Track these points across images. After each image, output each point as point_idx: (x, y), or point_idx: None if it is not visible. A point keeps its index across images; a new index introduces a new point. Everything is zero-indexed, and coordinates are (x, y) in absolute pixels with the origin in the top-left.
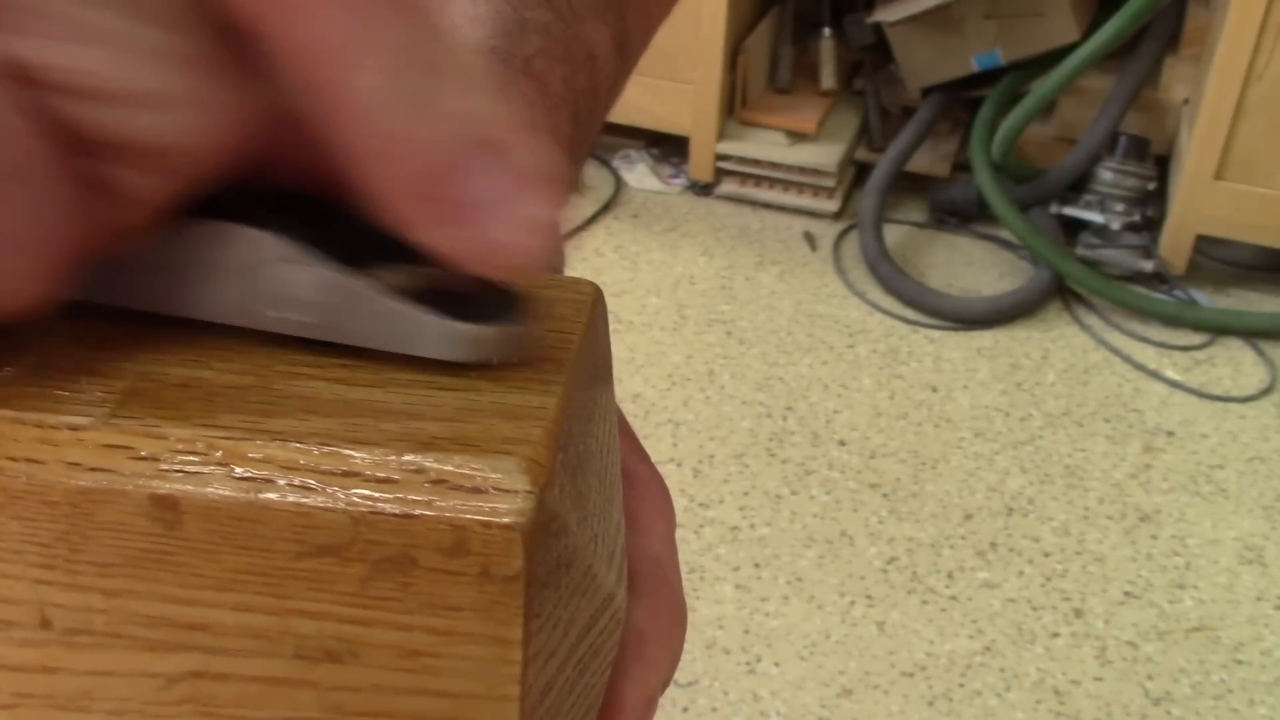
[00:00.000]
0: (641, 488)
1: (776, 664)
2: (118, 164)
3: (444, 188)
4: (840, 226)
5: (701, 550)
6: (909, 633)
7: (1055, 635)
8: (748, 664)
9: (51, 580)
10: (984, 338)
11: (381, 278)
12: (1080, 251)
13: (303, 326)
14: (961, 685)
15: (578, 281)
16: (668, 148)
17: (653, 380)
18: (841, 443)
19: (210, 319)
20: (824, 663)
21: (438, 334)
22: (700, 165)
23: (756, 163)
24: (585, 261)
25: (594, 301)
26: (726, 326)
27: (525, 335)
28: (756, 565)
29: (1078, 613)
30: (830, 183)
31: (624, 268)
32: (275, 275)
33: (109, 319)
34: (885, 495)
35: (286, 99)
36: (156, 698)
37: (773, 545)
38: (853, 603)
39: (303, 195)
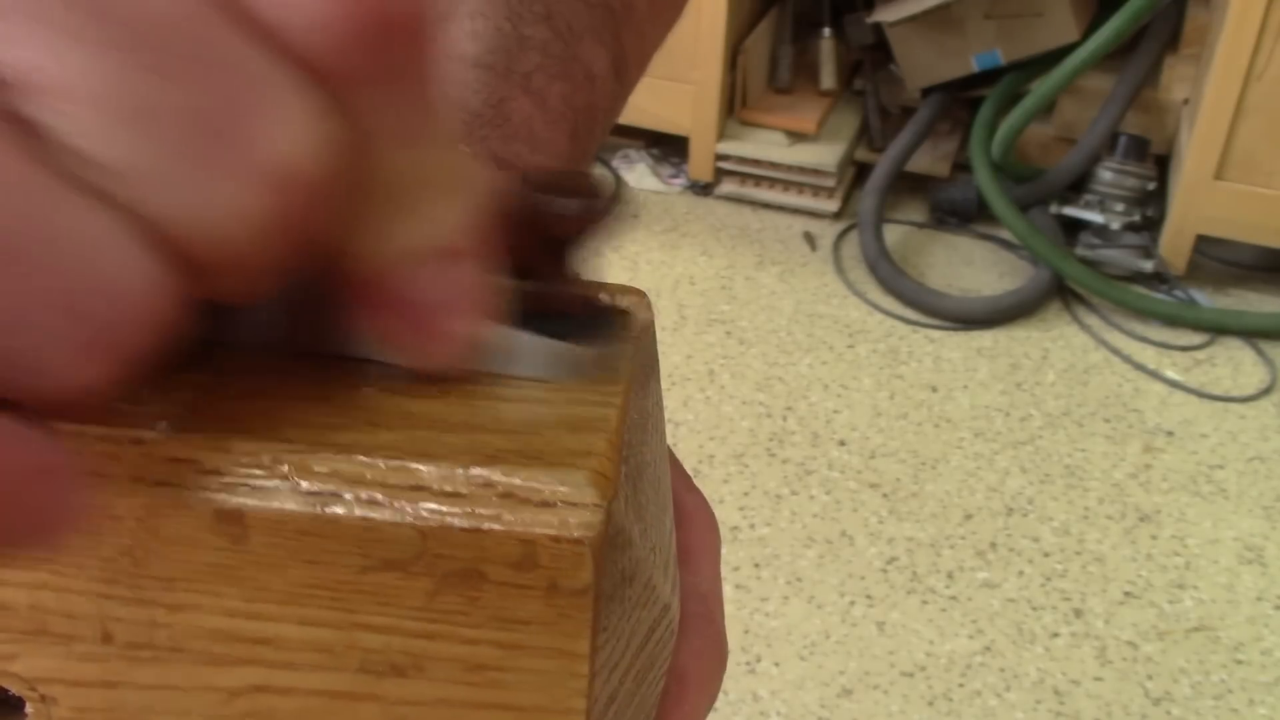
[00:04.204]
0: (690, 519)
1: (776, 664)
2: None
3: (393, 283)
4: (840, 226)
5: None
6: (909, 633)
7: (1055, 635)
8: (748, 664)
9: (114, 594)
10: (984, 338)
11: None
12: (1080, 251)
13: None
14: (961, 685)
15: (626, 289)
16: (668, 148)
17: None
18: (841, 443)
19: (321, 350)
20: (824, 663)
21: (537, 354)
22: (700, 165)
23: (756, 163)
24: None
25: (644, 310)
26: (726, 326)
27: (620, 354)
28: (756, 565)
29: (1078, 613)
30: (830, 183)
31: (624, 268)
32: None
33: None
34: (885, 495)
35: None
36: (218, 712)
37: (773, 545)
38: (853, 603)
39: None
